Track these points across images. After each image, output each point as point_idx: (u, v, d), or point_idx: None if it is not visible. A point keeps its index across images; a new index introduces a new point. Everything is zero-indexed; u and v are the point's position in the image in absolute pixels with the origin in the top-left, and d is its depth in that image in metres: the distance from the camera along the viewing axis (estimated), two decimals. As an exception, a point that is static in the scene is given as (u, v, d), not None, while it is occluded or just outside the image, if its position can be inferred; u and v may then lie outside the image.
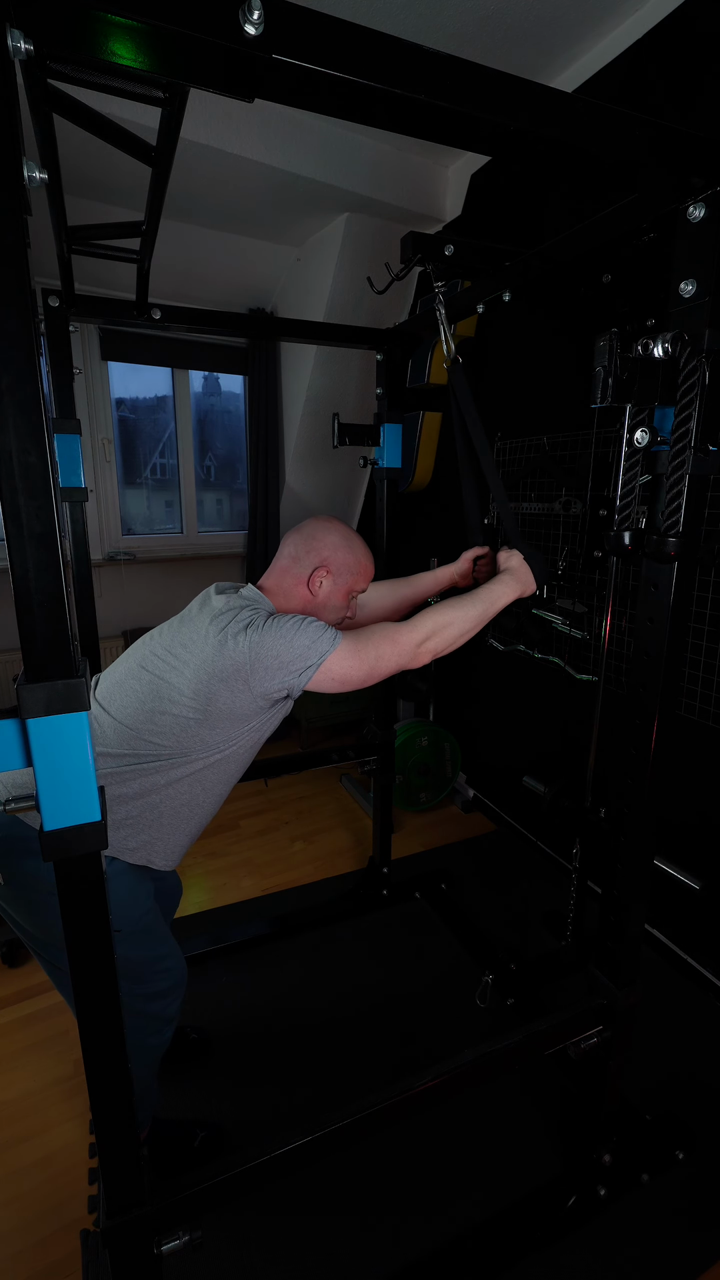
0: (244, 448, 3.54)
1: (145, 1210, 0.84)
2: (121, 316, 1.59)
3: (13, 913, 1.08)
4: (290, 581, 1.19)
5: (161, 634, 1.15)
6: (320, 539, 1.19)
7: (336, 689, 1.05)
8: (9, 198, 0.52)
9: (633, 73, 1.79)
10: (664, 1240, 1.23)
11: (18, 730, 0.61)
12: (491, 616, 1.13)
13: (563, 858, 2.33)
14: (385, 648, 1.05)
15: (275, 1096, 1.50)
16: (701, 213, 0.83)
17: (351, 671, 1.03)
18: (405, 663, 1.07)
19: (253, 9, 0.56)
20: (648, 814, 1.07)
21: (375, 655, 1.05)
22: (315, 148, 2.24)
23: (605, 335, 0.84)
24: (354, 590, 1.23)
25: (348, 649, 1.03)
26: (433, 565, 2.80)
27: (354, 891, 2.19)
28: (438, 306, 1.33)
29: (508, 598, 1.15)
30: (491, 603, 1.13)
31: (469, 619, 1.10)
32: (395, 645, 1.06)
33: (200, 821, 1.18)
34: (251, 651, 1.00)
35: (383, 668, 1.05)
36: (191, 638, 1.07)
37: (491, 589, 1.15)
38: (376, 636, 1.06)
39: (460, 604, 1.11)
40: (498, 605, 1.14)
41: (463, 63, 0.67)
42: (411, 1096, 1.02)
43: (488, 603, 1.13)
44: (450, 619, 1.09)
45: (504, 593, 1.15)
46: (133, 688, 1.09)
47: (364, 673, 1.04)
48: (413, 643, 1.07)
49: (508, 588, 1.16)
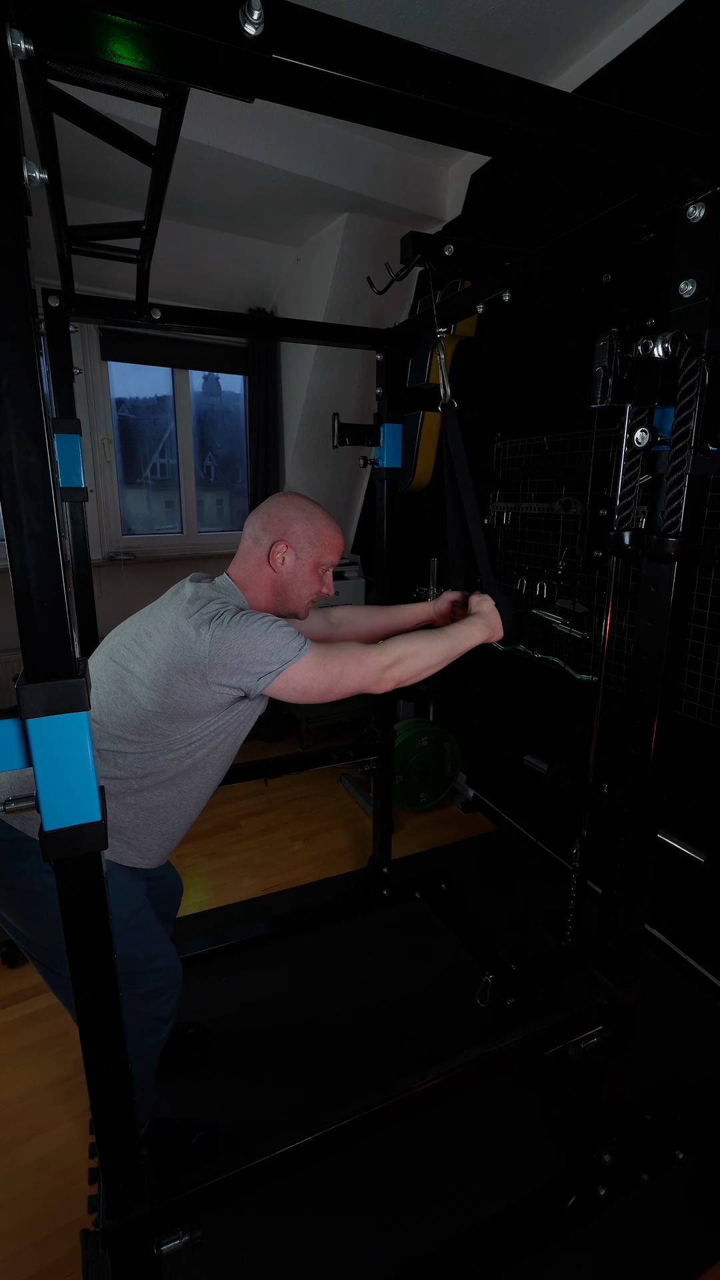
0: (244, 448, 3.54)
1: (145, 1210, 0.84)
2: (121, 316, 1.59)
3: (7, 916, 1.08)
4: (253, 564, 1.17)
5: (131, 624, 1.15)
6: (276, 514, 1.17)
7: (294, 699, 1.04)
8: (9, 198, 0.52)
9: (633, 73, 1.79)
10: (664, 1240, 1.23)
11: (18, 730, 0.61)
12: (457, 655, 1.15)
13: (563, 858, 2.33)
14: (351, 666, 1.05)
15: (275, 1096, 1.50)
16: (701, 213, 0.83)
17: (312, 684, 1.02)
18: (368, 685, 1.07)
19: (252, 9, 0.56)
20: (648, 814, 1.07)
21: (339, 671, 1.04)
22: (315, 148, 2.24)
23: (605, 335, 0.84)
24: (321, 563, 1.19)
25: (313, 660, 1.01)
26: (432, 566, 2.80)
27: (354, 891, 2.19)
28: (437, 351, 1.34)
29: (475, 640, 1.17)
30: (460, 641, 1.15)
31: (436, 653, 1.12)
32: (361, 665, 1.06)
33: (176, 824, 1.16)
34: (213, 645, 0.99)
35: (344, 685, 1.04)
36: (157, 626, 1.06)
37: (461, 629, 1.17)
38: (345, 654, 1.05)
39: (430, 638, 1.12)
40: (464, 645, 1.16)
41: (463, 63, 0.67)
42: (411, 1096, 1.02)
43: (456, 640, 1.15)
44: (419, 649, 1.10)
45: (472, 634, 1.17)
46: (100, 679, 1.09)
47: (324, 686, 1.03)
48: (379, 666, 1.07)
49: (477, 630, 1.18)
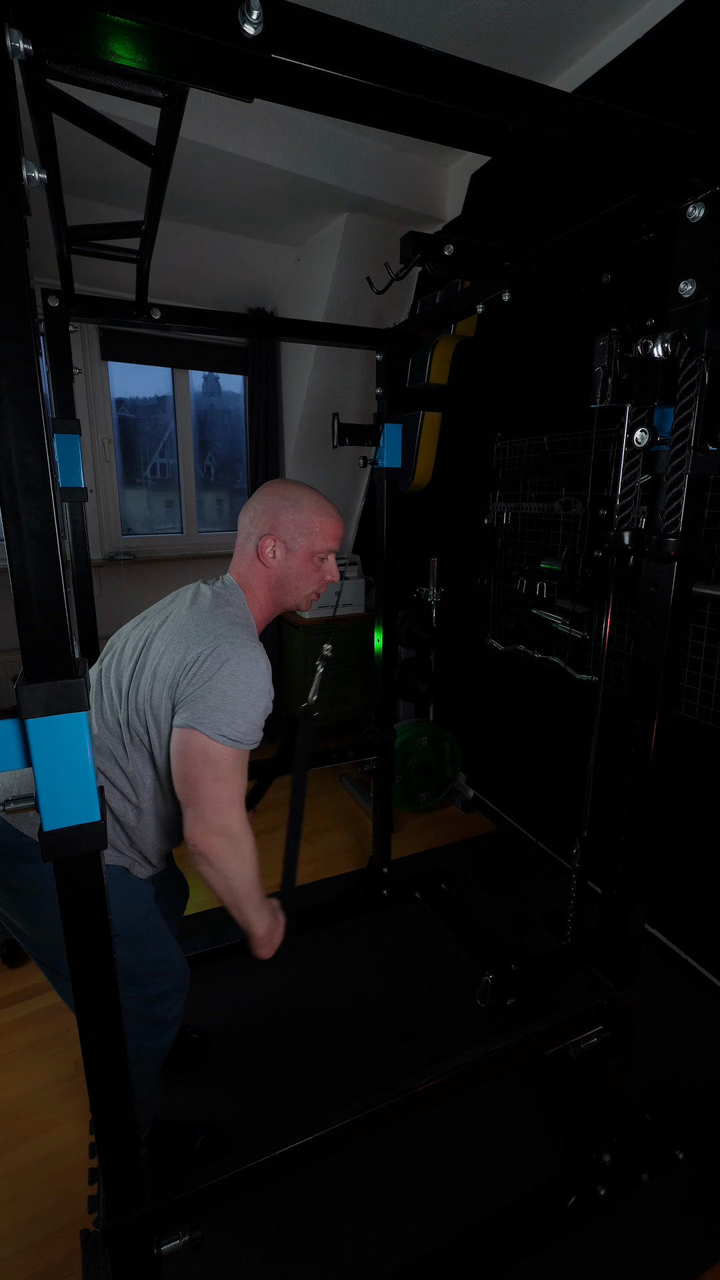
0: (244, 448, 3.54)
1: (145, 1210, 0.84)
2: (121, 316, 1.59)
3: (12, 918, 1.08)
4: (247, 561, 1.14)
5: (137, 627, 1.15)
6: (263, 506, 1.13)
7: (176, 763, 0.99)
8: (8, 198, 0.51)
9: (633, 73, 1.79)
10: (664, 1240, 1.23)
11: (17, 730, 0.61)
12: (239, 911, 1.06)
13: (563, 858, 2.33)
14: (221, 794, 0.99)
15: (275, 1096, 1.50)
16: (701, 213, 0.83)
17: (201, 762, 0.97)
18: (200, 820, 0.99)
19: (252, 9, 0.56)
20: (648, 814, 1.07)
21: (215, 782, 0.98)
22: (315, 148, 2.24)
23: (605, 335, 0.84)
24: (315, 551, 1.14)
25: (232, 757, 0.98)
26: (432, 566, 2.80)
27: (354, 891, 2.19)
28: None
29: (254, 923, 1.08)
30: (254, 907, 1.07)
31: (243, 880, 1.03)
32: (219, 799, 0.99)
33: (150, 838, 1.13)
34: (214, 687, 0.97)
35: (204, 790, 0.98)
36: (174, 632, 1.05)
37: (264, 908, 1.09)
38: (231, 786, 1.00)
39: (252, 875, 1.05)
40: (249, 911, 1.06)
41: (463, 63, 0.66)
42: (411, 1097, 1.02)
43: (256, 903, 1.07)
44: (244, 863, 1.03)
45: (257, 920, 1.08)
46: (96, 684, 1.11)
47: (200, 772, 0.98)
48: (221, 822, 0.99)
49: (261, 920, 1.09)
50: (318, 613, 3.17)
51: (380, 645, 2.00)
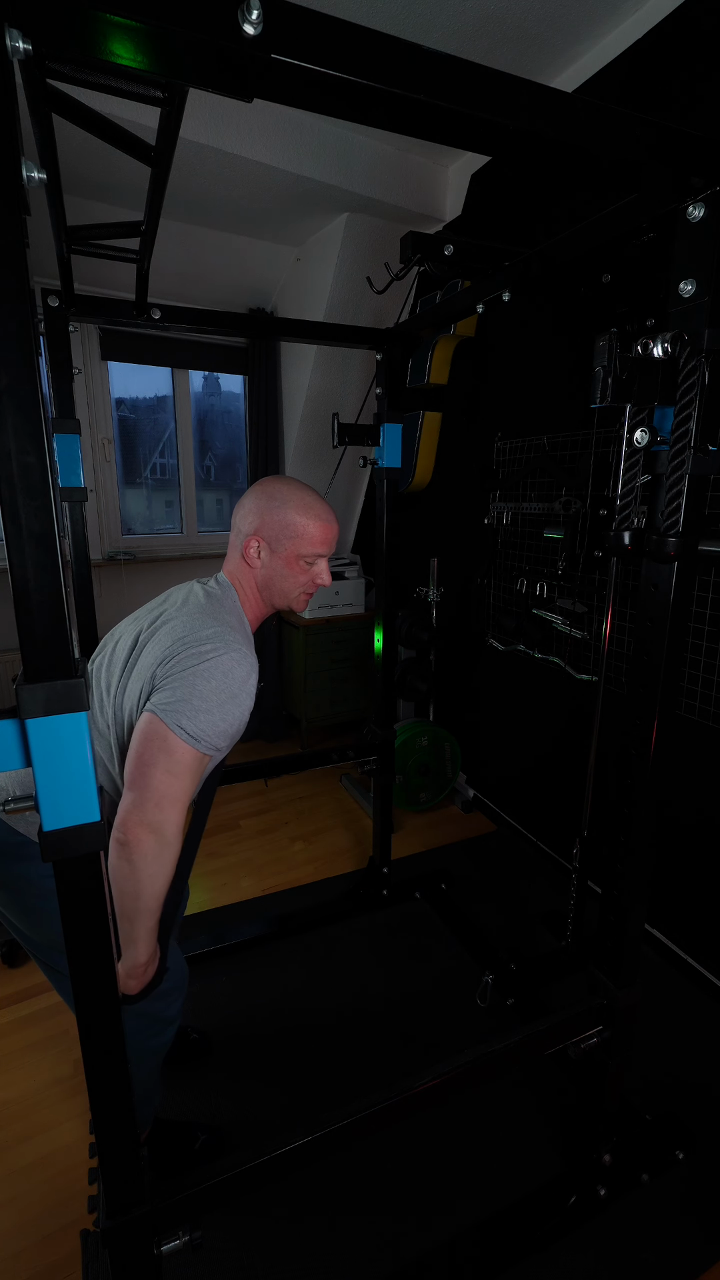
0: (244, 448, 3.54)
1: (145, 1210, 0.84)
2: (121, 316, 1.59)
3: (10, 917, 1.08)
4: (236, 560, 1.13)
5: (129, 626, 1.13)
6: (251, 503, 1.10)
7: (142, 746, 0.94)
8: (8, 198, 0.51)
9: (633, 73, 1.79)
10: (664, 1240, 1.23)
11: (17, 730, 0.61)
12: (130, 923, 0.96)
13: (563, 858, 2.33)
14: (165, 785, 0.93)
15: (275, 1096, 1.50)
16: (701, 213, 0.83)
17: (167, 773, 0.93)
18: (143, 802, 0.92)
19: (251, 9, 0.56)
20: (648, 814, 1.07)
21: (165, 770, 0.93)
22: (315, 148, 2.24)
23: (605, 335, 0.84)
24: (302, 554, 1.09)
25: (191, 756, 0.94)
26: (432, 566, 2.80)
27: (354, 891, 2.19)
28: None
29: (141, 942, 0.98)
30: (148, 923, 0.97)
31: (153, 891, 0.95)
32: (167, 793, 0.93)
33: None
34: (186, 679, 0.95)
35: (156, 783, 0.92)
36: (164, 633, 1.03)
37: (155, 933, 1.00)
38: (181, 790, 0.95)
39: (162, 889, 0.96)
40: (138, 927, 0.97)
41: (463, 63, 0.66)
42: (411, 1096, 1.02)
43: (149, 918, 0.97)
44: (164, 869, 0.94)
45: (145, 941, 0.98)
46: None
47: (152, 765, 0.93)
48: (163, 816, 0.93)
49: (148, 943, 0.99)
50: (318, 613, 3.17)
51: (380, 645, 2.00)
